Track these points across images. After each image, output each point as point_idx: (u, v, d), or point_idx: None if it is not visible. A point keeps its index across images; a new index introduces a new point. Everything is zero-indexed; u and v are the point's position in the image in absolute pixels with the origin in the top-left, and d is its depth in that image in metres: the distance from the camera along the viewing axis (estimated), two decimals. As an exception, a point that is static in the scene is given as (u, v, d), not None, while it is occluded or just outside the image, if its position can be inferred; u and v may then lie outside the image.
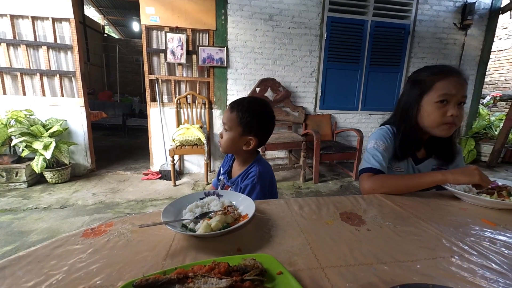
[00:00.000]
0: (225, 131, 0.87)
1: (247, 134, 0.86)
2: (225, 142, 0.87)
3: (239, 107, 0.85)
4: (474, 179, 0.69)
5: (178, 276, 0.34)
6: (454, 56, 3.64)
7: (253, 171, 0.87)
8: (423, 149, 0.93)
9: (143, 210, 2.21)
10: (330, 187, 2.82)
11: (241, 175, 0.89)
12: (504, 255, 0.46)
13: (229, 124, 0.86)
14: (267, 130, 0.90)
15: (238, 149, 0.89)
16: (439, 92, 0.79)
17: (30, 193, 2.44)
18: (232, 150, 0.91)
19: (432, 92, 0.81)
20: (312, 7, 3.15)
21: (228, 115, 0.86)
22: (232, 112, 0.85)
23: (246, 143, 0.87)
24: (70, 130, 2.87)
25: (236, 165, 0.96)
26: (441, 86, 0.79)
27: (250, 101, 0.86)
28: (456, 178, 0.71)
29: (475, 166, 0.71)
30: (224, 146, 0.89)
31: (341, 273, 0.40)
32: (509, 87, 5.68)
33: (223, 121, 0.88)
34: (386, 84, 3.56)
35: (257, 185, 0.83)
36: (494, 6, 3.56)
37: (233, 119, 0.85)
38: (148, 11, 2.82)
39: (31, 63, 2.70)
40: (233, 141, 0.88)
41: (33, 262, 0.42)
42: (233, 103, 0.87)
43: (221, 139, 0.88)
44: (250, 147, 0.87)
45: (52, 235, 1.78)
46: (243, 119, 0.85)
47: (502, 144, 3.49)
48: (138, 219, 0.57)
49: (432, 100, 0.81)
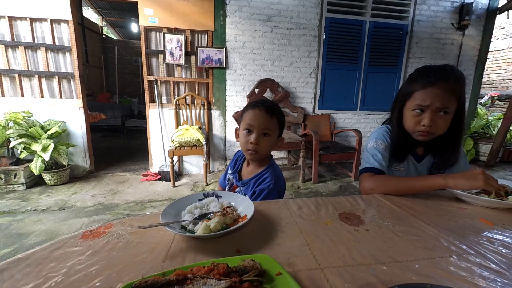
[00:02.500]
0: (263, 136, 0.84)
1: (279, 136, 0.91)
2: (267, 147, 0.86)
3: (275, 110, 0.86)
4: (477, 184, 0.64)
5: (177, 277, 0.34)
6: (452, 56, 3.66)
7: (269, 176, 0.86)
8: (421, 146, 0.92)
9: (142, 212, 2.20)
10: (329, 188, 2.82)
11: (255, 178, 0.87)
12: (502, 255, 0.46)
13: (272, 129, 0.85)
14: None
15: (270, 152, 0.90)
16: (415, 102, 0.81)
17: (29, 195, 2.43)
18: (268, 154, 0.91)
19: (410, 100, 0.83)
20: (311, 8, 3.16)
21: (268, 120, 0.84)
22: (273, 117, 0.85)
23: (277, 145, 0.91)
24: (69, 131, 2.86)
25: (250, 167, 0.94)
26: (418, 96, 0.80)
27: (275, 103, 0.89)
28: (457, 183, 0.67)
29: (480, 169, 0.66)
30: (265, 151, 0.87)
31: (340, 274, 0.40)
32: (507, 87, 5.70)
33: (261, 126, 0.83)
34: (384, 84, 3.57)
35: (273, 191, 0.83)
36: (491, 6, 3.58)
37: (274, 123, 0.86)
38: (147, 12, 2.82)
39: (29, 64, 2.70)
40: (273, 145, 0.89)
41: (31, 264, 0.42)
42: (267, 107, 0.84)
43: (258, 145, 0.83)
44: (278, 148, 0.91)
45: (51, 237, 1.77)
46: (281, 122, 0.88)
47: (500, 143, 3.50)
48: (137, 220, 0.57)
49: (409, 107, 0.83)
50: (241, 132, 0.88)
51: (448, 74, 0.77)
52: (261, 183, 0.85)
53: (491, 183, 0.64)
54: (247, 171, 0.94)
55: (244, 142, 0.86)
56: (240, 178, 0.94)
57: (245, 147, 0.85)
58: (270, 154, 0.94)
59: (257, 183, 0.86)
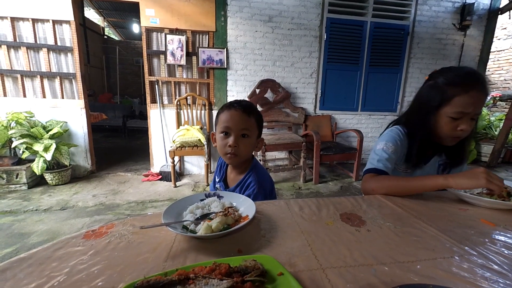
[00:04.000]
0: (242, 138, 0.80)
1: (258, 137, 0.86)
2: (247, 149, 0.81)
3: (252, 109, 0.82)
4: (479, 182, 0.63)
5: (179, 277, 0.34)
6: (453, 57, 3.65)
7: (252, 181, 0.83)
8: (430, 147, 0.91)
9: (144, 212, 2.21)
10: (330, 188, 2.82)
11: (240, 185, 0.85)
12: (504, 255, 0.46)
13: (250, 129, 0.81)
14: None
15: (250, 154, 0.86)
16: (455, 109, 0.75)
17: (31, 195, 2.44)
18: (248, 157, 0.87)
19: (449, 105, 0.77)
20: (312, 8, 3.16)
21: (246, 119, 0.80)
22: (250, 116, 0.81)
23: (257, 146, 0.87)
24: (71, 131, 2.87)
25: (233, 173, 0.90)
26: (459, 102, 0.74)
27: (251, 103, 0.85)
28: (458, 183, 0.66)
29: (482, 168, 0.65)
30: (245, 154, 0.82)
31: (341, 274, 0.40)
32: (509, 87, 5.68)
33: (239, 127, 0.78)
34: (385, 85, 3.56)
35: (259, 194, 0.81)
36: (493, 7, 3.56)
37: (252, 123, 0.81)
38: (148, 13, 2.83)
39: (31, 65, 2.71)
40: (253, 147, 0.84)
41: (34, 264, 0.42)
42: (244, 106, 0.81)
43: (237, 147, 0.78)
44: (259, 150, 0.87)
45: (53, 237, 1.77)
46: (259, 122, 0.84)
47: (502, 144, 3.49)
48: (138, 220, 0.57)
49: (447, 113, 0.77)
50: (217, 136, 0.82)
51: (480, 77, 0.75)
52: (246, 189, 0.83)
53: (494, 182, 0.62)
54: (231, 179, 0.90)
55: (221, 146, 0.80)
56: (227, 186, 0.91)
57: (224, 151, 0.80)
58: (251, 155, 0.90)
59: (242, 190, 0.84)
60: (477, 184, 0.63)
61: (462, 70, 0.78)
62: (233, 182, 0.88)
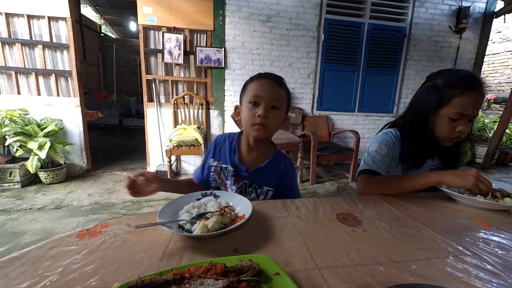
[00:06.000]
0: (271, 109, 0.73)
1: (286, 114, 0.80)
2: (276, 122, 0.75)
3: (283, 82, 0.77)
4: (466, 184, 0.67)
5: (174, 277, 0.34)
6: (449, 59, 3.69)
7: (287, 163, 0.83)
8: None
9: (139, 211, 2.19)
10: (327, 188, 2.83)
11: (270, 165, 0.81)
12: (498, 256, 0.46)
13: (281, 101, 0.75)
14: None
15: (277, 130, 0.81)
16: (454, 110, 0.76)
17: (24, 193, 2.41)
18: (275, 132, 0.81)
19: (448, 106, 0.77)
20: (310, 9, 3.17)
21: (277, 90, 0.74)
22: (282, 88, 0.76)
23: (283, 124, 0.81)
24: (66, 130, 2.84)
25: (254, 152, 0.82)
26: (459, 103, 0.75)
27: (280, 76, 0.79)
28: (449, 180, 0.70)
29: (475, 171, 0.68)
30: (274, 127, 0.76)
31: (338, 274, 0.40)
32: (503, 90, 5.76)
33: (270, 97, 0.72)
34: (382, 86, 3.58)
35: (295, 179, 0.82)
36: (488, 10, 3.61)
37: (283, 96, 0.76)
38: (146, 11, 2.81)
39: (26, 62, 2.67)
40: (281, 122, 0.78)
41: (26, 263, 0.42)
42: (275, 77, 0.76)
43: (266, 118, 0.72)
44: (285, 128, 0.84)
45: (47, 236, 1.75)
46: (289, 96, 0.79)
47: (496, 146, 3.54)
48: (134, 219, 0.57)
49: (446, 114, 0.78)
50: (244, 106, 0.76)
51: (479, 80, 0.76)
52: (281, 171, 0.81)
53: (480, 186, 0.66)
54: (252, 158, 0.82)
55: (249, 117, 0.73)
56: (246, 167, 0.81)
57: (251, 121, 0.73)
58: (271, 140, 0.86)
59: (274, 171, 0.81)
60: (464, 185, 0.68)
61: (460, 72, 0.79)
62: (256, 161, 0.82)
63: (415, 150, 0.85)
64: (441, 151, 0.89)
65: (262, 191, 0.82)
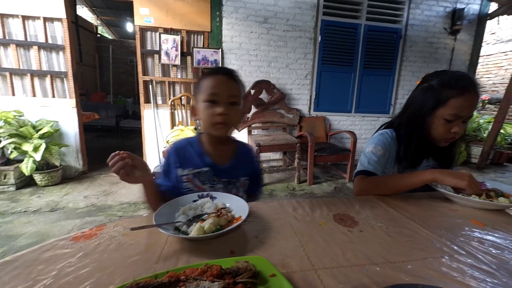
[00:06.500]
0: (231, 105, 0.72)
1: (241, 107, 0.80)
2: (237, 117, 0.75)
3: (237, 76, 0.75)
4: (461, 183, 0.69)
5: (169, 279, 0.34)
6: (444, 60, 3.73)
7: (251, 151, 0.86)
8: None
9: (136, 213, 2.18)
10: (324, 189, 2.83)
11: (241, 155, 0.82)
12: (492, 255, 0.47)
13: (238, 96, 0.74)
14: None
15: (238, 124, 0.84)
16: (450, 111, 0.77)
17: (19, 196, 2.38)
18: (236, 127, 0.81)
19: (444, 107, 0.78)
20: (307, 10, 3.18)
21: (234, 86, 0.73)
22: (236, 82, 0.74)
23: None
24: (62, 131, 2.81)
25: (220, 149, 0.81)
26: (455, 104, 0.76)
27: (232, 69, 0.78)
28: (444, 178, 0.71)
29: (469, 173, 0.71)
30: (235, 123, 0.76)
31: (334, 275, 0.40)
32: (497, 91, 5.84)
33: (228, 94, 0.71)
34: (379, 87, 3.61)
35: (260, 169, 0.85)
36: (482, 12, 3.66)
37: (239, 90, 0.75)
38: (142, 12, 2.80)
39: (21, 63, 2.65)
40: (240, 116, 0.78)
41: (20, 267, 0.41)
42: (230, 72, 0.74)
43: (227, 116, 0.71)
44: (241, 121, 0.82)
45: (41, 239, 1.73)
46: (243, 88, 0.78)
47: (490, 146, 3.58)
48: (130, 222, 0.56)
49: (442, 115, 0.78)
50: (201, 105, 0.73)
51: (474, 81, 0.78)
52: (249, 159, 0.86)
53: (472, 186, 0.69)
54: (221, 154, 0.80)
55: (209, 116, 0.71)
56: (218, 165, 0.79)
57: (212, 121, 0.71)
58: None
59: (244, 162, 0.83)
60: (459, 184, 0.70)
61: (455, 73, 0.80)
62: (225, 157, 0.81)
63: (412, 150, 0.86)
64: (436, 152, 0.90)
65: (241, 184, 0.82)
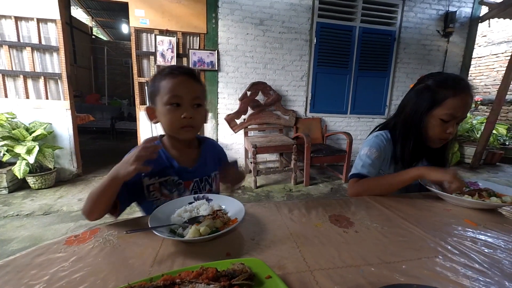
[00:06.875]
0: (195, 108, 0.69)
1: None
2: (202, 119, 0.72)
3: (198, 75, 0.73)
4: (445, 176, 0.71)
5: (164, 282, 0.33)
6: (438, 62, 3.79)
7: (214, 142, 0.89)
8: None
9: (131, 216, 2.15)
10: (320, 190, 2.84)
11: (206, 152, 0.81)
12: (484, 254, 0.48)
13: (202, 97, 0.71)
14: None
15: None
16: (446, 111, 0.78)
17: (11, 199, 2.34)
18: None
19: (441, 107, 0.79)
20: (302, 12, 3.20)
21: (196, 87, 0.69)
22: (198, 82, 0.71)
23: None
24: (55, 133, 2.77)
25: (186, 151, 0.78)
26: (451, 105, 0.77)
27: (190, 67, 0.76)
28: (429, 173, 0.75)
29: (455, 169, 0.74)
30: (201, 125, 0.73)
31: (330, 276, 0.40)
32: (489, 92, 5.94)
33: (192, 95, 0.68)
34: (374, 88, 3.65)
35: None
36: (473, 15, 3.73)
37: (202, 90, 0.72)
38: (138, 13, 2.79)
39: (14, 64, 2.61)
40: (205, 117, 0.75)
41: (11, 272, 0.41)
42: (191, 71, 0.70)
43: (193, 119, 0.67)
44: (206, 122, 0.77)
45: (34, 243, 1.70)
46: (204, 87, 0.74)
47: (483, 146, 3.63)
48: (124, 225, 0.56)
49: (438, 115, 0.79)
50: (162, 109, 0.68)
51: (468, 83, 0.80)
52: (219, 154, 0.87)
53: (455, 180, 0.70)
54: (187, 155, 0.77)
55: (174, 120, 0.67)
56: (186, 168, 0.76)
57: (177, 124, 0.67)
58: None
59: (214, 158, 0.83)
60: (444, 177, 0.72)
61: (450, 75, 0.82)
62: (192, 157, 0.78)
63: (408, 151, 0.87)
64: (429, 153, 0.91)
65: (212, 179, 0.81)
